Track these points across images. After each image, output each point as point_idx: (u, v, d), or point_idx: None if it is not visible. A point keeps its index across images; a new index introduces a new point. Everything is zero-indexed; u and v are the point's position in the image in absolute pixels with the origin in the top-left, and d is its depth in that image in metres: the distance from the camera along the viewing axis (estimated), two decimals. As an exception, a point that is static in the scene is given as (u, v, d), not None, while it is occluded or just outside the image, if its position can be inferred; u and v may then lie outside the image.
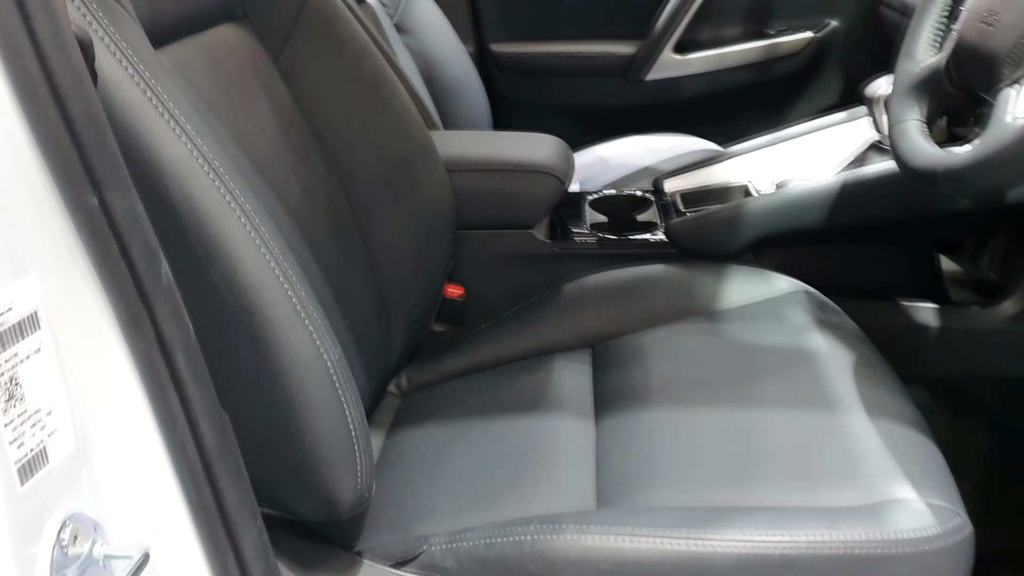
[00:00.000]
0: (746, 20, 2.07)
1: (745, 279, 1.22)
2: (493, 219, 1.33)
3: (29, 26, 0.49)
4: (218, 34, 0.99)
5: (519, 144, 1.39)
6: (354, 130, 1.14)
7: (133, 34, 0.67)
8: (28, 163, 0.50)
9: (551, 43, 2.15)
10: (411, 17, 1.91)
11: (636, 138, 1.95)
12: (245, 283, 0.67)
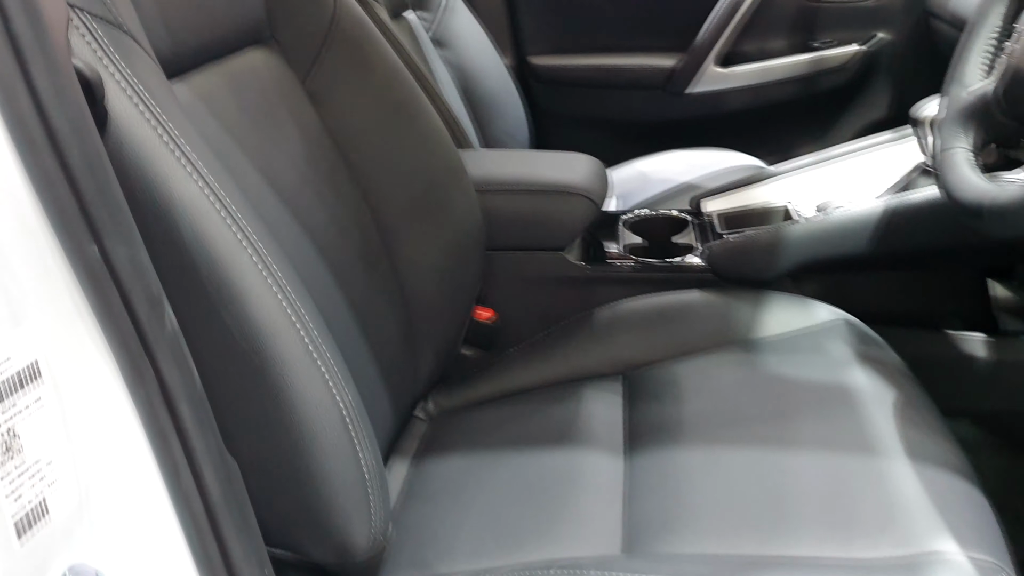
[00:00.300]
0: (792, 32, 2.02)
1: (784, 307, 1.18)
2: (524, 240, 1.30)
3: (26, 73, 0.47)
4: (244, 59, 0.98)
5: (552, 164, 1.36)
6: (382, 152, 1.12)
7: (145, 69, 0.65)
8: (27, 211, 0.49)
9: (591, 56, 2.12)
10: (449, 31, 1.89)
11: (677, 153, 1.92)
12: (256, 325, 0.65)
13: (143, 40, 0.68)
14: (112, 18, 0.64)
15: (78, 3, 0.62)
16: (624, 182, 1.88)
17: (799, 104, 2.05)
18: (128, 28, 0.65)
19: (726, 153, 1.89)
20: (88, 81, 0.58)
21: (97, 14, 0.63)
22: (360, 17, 1.13)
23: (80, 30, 0.61)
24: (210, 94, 0.88)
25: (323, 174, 1.03)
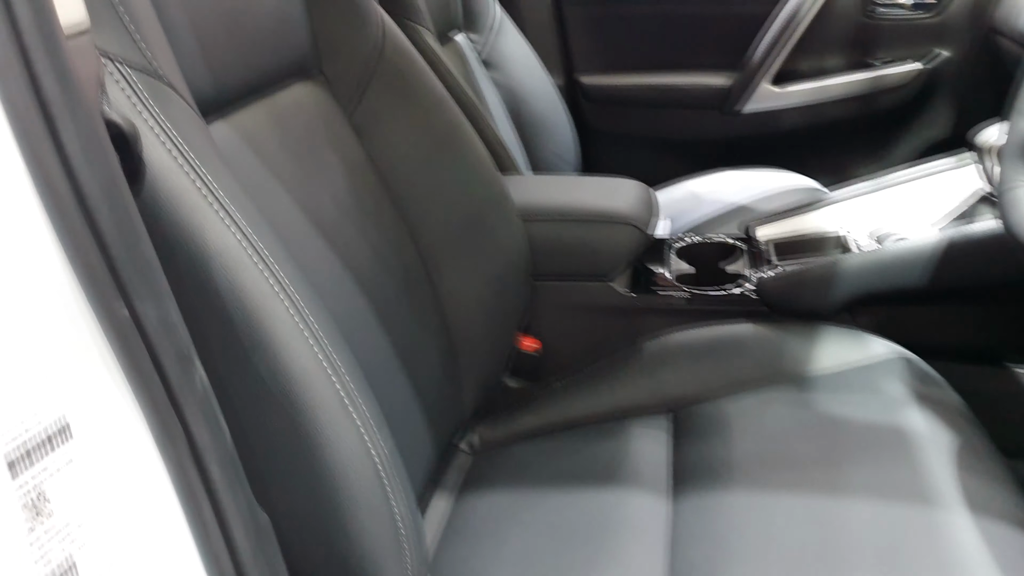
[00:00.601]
0: (849, 50, 1.98)
1: (839, 342, 1.14)
2: (570, 269, 1.28)
3: (56, 137, 0.47)
4: (289, 94, 0.97)
5: (598, 190, 1.34)
6: (427, 183, 1.11)
7: (182, 117, 0.65)
8: (57, 272, 0.49)
9: (642, 74, 2.09)
10: (498, 52, 1.88)
11: (730, 173, 1.88)
12: (289, 375, 0.64)
13: (181, 87, 0.68)
14: (149, 68, 0.64)
15: (115, 54, 0.61)
16: (674, 202, 1.85)
17: (856, 123, 2.00)
18: (166, 76, 0.65)
19: (780, 173, 1.85)
20: (124, 134, 0.58)
21: (134, 64, 0.62)
22: (406, 48, 1.13)
23: (118, 81, 0.61)
24: (253, 131, 0.88)
25: (366, 207, 1.03)
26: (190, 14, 0.79)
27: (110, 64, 0.61)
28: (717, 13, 2.02)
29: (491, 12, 1.90)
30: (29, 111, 0.46)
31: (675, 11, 2.04)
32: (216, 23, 0.83)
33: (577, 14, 2.10)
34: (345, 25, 1.07)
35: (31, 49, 0.46)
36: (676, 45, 2.07)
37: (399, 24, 1.41)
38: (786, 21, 1.94)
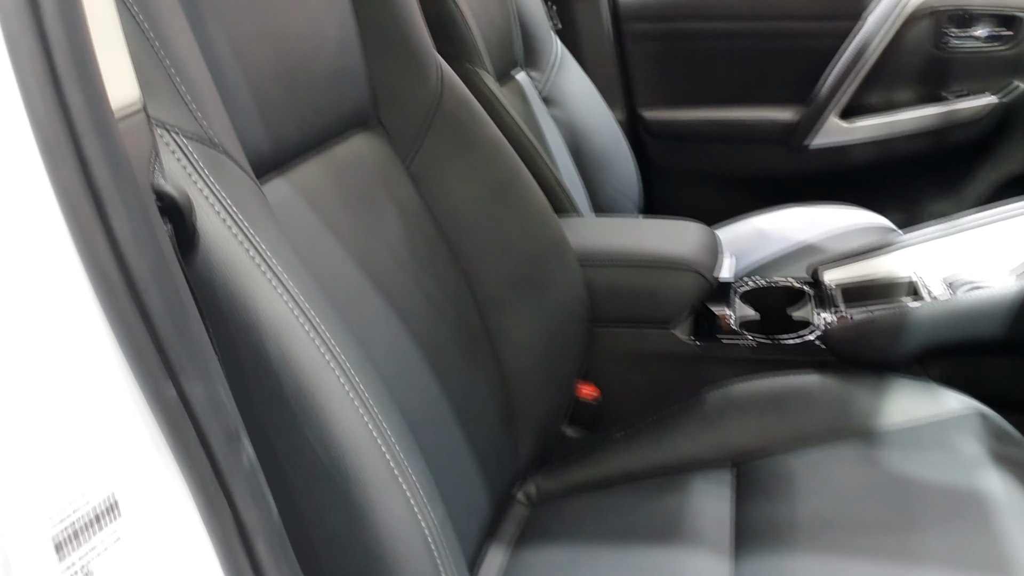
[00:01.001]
0: (920, 83, 1.92)
1: (910, 395, 1.10)
2: (631, 315, 1.26)
3: (105, 221, 0.47)
4: (347, 145, 0.97)
5: (660, 234, 1.32)
6: (484, 230, 1.10)
7: (237, 184, 0.65)
8: (106, 353, 0.49)
9: (705, 108, 2.07)
10: (559, 89, 1.87)
11: (798, 209, 1.84)
12: (340, 445, 0.63)
13: (236, 153, 0.68)
14: (204, 136, 0.64)
15: (171, 124, 0.62)
16: (740, 239, 1.82)
17: (928, 158, 1.94)
18: (220, 144, 0.65)
19: (849, 210, 1.81)
20: (178, 205, 0.58)
21: (190, 133, 0.63)
22: (464, 96, 1.13)
23: (173, 151, 0.61)
24: (310, 185, 0.88)
25: (422, 256, 1.02)
26: (248, 75, 0.79)
27: (166, 134, 0.61)
28: (782, 47, 1.99)
29: (552, 49, 1.90)
30: (79, 194, 0.46)
31: (738, 45, 2.02)
32: (275, 82, 0.83)
33: (638, 49, 2.09)
34: (404, 75, 1.07)
35: (82, 133, 0.46)
36: (740, 79, 2.04)
37: (458, 68, 1.41)
38: (855, 54, 1.91)
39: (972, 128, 1.89)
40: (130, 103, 0.53)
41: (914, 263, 1.33)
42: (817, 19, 1.95)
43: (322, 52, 0.93)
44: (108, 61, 0.51)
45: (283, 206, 0.82)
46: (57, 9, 0.45)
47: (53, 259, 0.47)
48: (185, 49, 0.66)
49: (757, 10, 1.99)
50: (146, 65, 0.61)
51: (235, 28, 0.79)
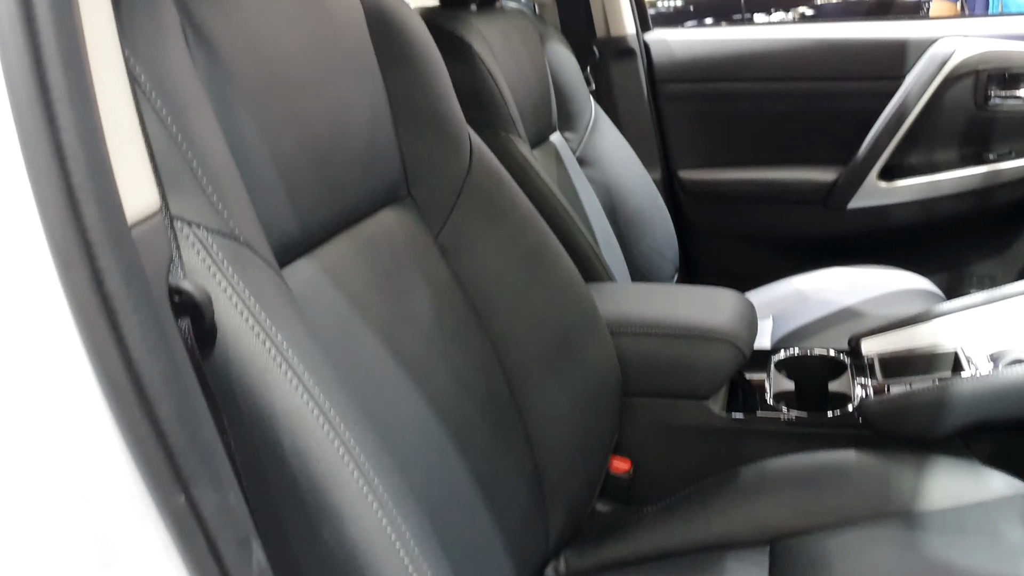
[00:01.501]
0: (962, 143, 1.89)
1: (952, 474, 1.06)
2: (663, 387, 1.24)
3: (118, 333, 0.47)
4: (376, 221, 0.97)
5: (694, 302, 1.30)
6: (514, 302, 1.09)
7: (258, 276, 0.65)
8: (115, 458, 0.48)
9: (743, 169, 2.05)
10: (594, 149, 1.87)
11: (838, 270, 1.81)
12: (354, 543, 0.62)
13: (259, 244, 0.68)
14: (226, 229, 0.64)
15: (192, 219, 0.62)
16: (779, 301, 1.79)
17: (972, 220, 1.90)
18: (243, 236, 0.65)
19: (891, 272, 1.77)
20: (196, 302, 0.58)
21: (211, 227, 0.63)
22: (493, 166, 1.13)
23: (194, 245, 0.61)
24: (336, 264, 0.88)
25: (450, 330, 1.01)
26: (277, 160, 0.79)
27: (187, 228, 0.61)
28: (820, 107, 1.98)
29: (588, 110, 1.90)
30: (92, 305, 0.46)
31: (776, 105, 2.01)
32: (304, 165, 0.84)
33: (674, 109, 2.09)
34: (435, 148, 1.07)
35: (95, 244, 0.46)
36: (777, 139, 2.03)
37: (491, 135, 1.42)
38: (895, 114, 1.88)
39: (1016, 189, 1.86)
40: (148, 208, 0.54)
41: (957, 334, 1.29)
42: (856, 79, 1.93)
43: (353, 131, 0.94)
44: (126, 167, 0.52)
45: (308, 288, 0.82)
46: (74, 122, 0.45)
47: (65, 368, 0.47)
48: (209, 141, 0.67)
49: (794, 70, 1.98)
50: (169, 161, 0.62)
51: (263, 113, 0.79)
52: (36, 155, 0.45)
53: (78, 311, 0.46)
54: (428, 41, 1.08)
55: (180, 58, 0.68)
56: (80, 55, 0.47)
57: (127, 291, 0.47)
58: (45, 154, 0.45)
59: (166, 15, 0.69)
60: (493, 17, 1.60)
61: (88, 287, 0.46)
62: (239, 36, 0.78)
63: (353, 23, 0.99)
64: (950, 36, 1.86)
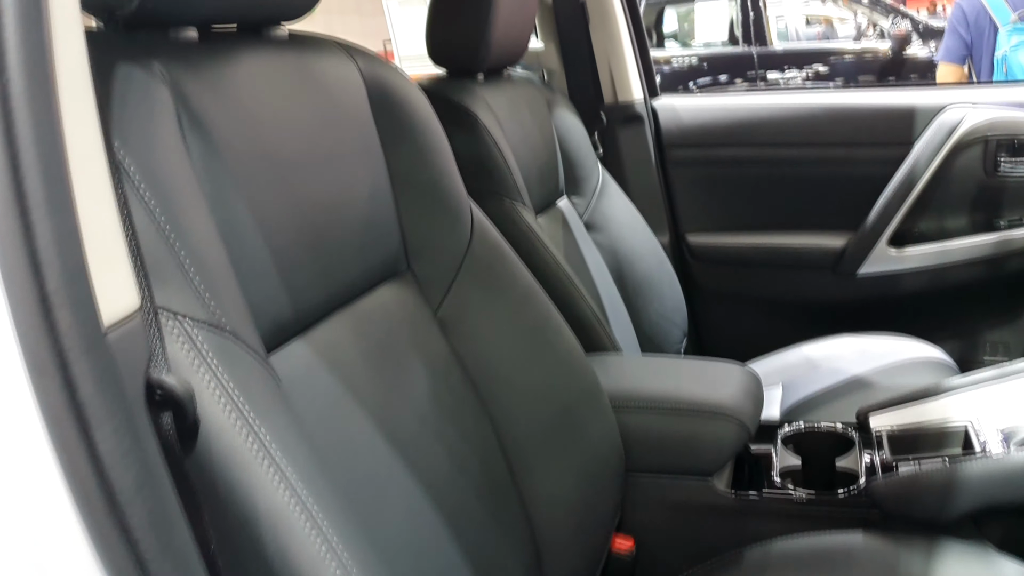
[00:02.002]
0: (972, 210, 1.88)
1: (963, 560, 1.03)
2: (667, 464, 1.22)
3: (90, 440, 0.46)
4: (375, 298, 0.97)
5: (699, 377, 1.28)
6: (514, 378, 1.08)
7: (243, 368, 0.64)
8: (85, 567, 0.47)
9: (752, 234, 2.04)
10: (601, 214, 1.87)
11: (848, 338, 1.80)
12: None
13: (247, 334, 0.67)
14: (212, 319, 0.63)
15: (177, 310, 0.61)
16: (788, 368, 1.77)
17: (983, 288, 1.88)
18: (230, 327, 0.65)
19: (902, 340, 1.75)
20: (178, 397, 0.57)
21: (197, 318, 0.62)
22: (494, 240, 1.12)
23: (179, 337, 0.61)
24: (331, 345, 0.87)
25: (447, 408, 1.00)
26: (272, 244, 0.79)
27: (172, 320, 0.61)
28: (828, 173, 1.97)
29: (595, 175, 1.90)
30: (63, 413, 0.45)
31: (784, 171, 2.00)
32: (300, 247, 0.83)
33: (682, 174, 2.09)
34: (436, 222, 1.07)
35: (69, 351, 0.45)
36: (786, 204, 2.02)
37: (496, 203, 1.42)
38: (904, 180, 1.88)
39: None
40: (127, 309, 0.53)
41: (967, 409, 1.27)
42: (865, 145, 1.93)
43: (352, 209, 0.94)
44: (105, 268, 0.51)
45: (300, 370, 0.81)
46: (51, 229, 0.45)
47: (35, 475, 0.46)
48: (199, 229, 0.66)
49: (802, 136, 1.98)
50: (156, 252, 0.61)
51: (259, 195, 0.79)
52: (11, 262, 0.44)
53: (50, 419, 0.45)
54: (430, 115, 1.08)
55: (172, 145, 0.68)
56: (61, 160, 0.47)
57: (100, 398, 0.46)
58: (20, 261, 0.44)
59: (160, 101, 0.69)
60: (500, 86, 1.61)
61: (60, 395, 0.45)
62: (236, 119, 0.78)
63: (355, 99, 0.99)
64: (959, 104, 1.86)
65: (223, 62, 0.80)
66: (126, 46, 0.73)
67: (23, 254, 0.44)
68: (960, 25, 3.03)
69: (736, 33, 6.50)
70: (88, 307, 0.47)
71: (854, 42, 6.82)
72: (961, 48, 3.05)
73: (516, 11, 1.53)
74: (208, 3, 0.78)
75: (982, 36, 3.00)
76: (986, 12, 2.97)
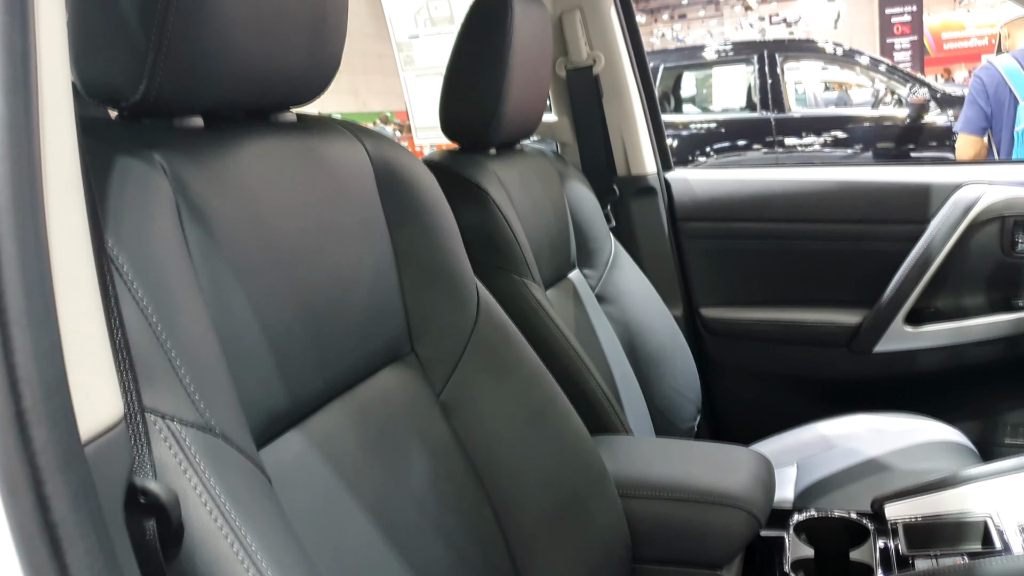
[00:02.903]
0: (989, 289, 1.86)
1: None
2: (675, 555, 1.18)
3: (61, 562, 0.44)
4: (375, 382, 0.95)
5: (709, 463, 1.25)
6: (518, 463, 1.06)
7: (231, 471, 0.62)
8: None
9: (767, 309, 2.02)
10: (613, 286, 1.86)
11: (863, 417, 1.76)
12: None
13: (237, 434, 0.65)
14: (202, 422, 0.62)
15: (167, 412, 0.60)
16: (803, 447, 1.74)
17: (1001, 367, 1.85)
18: (220, 428, 0.63)
19: (919, 420, 1.72)
20: (162, 503, 0.55)
21: (186, 420, 0.61)
22: (500, 320, 1.11)
23: (166, 439, 0.59)
24: (328, 435, 0.85)
25: (447, 497, 0.98)
26: (270, 333, 0.78)
27: (159, 422, 0.59)
28: (843, 248, 1.95)
29: (607, 248, 1.90)
30: (35, 535, 0.44)
31: (798, 246, 1.99)
32: (299, 334, 0.82)
33: (695, 247, 2.07)
34: (442, 303, 1.05)
35: (43, 470, 0.44)
36: (800, 280, 2.00)
37: (505, 279, 1.41)
38: (919, 258, 1.86)
39: (1047, 337, 1.81)
40: (108, 420, 0.52)
41: (988, 502, 1.23)
42: (880, 222, 1.92)
43: (356, 294, 0.92)
44: (88, 378, 0.50)
45: (295, 463, 0.79)
46: (30, 343, 0.44)
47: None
48: (192, 327, 0.65)
49: (817, 212, 1.97)
50: (146, 352, 0.60)
51: (259, 284, 0.78)
52: None
53: (20, 539, 0.44)
54: (437, 195, 1.08)
55: (169, 238, 0.67)
56: (45, 270, 0.46)
57: (75, 516, 0.45)
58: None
59: (158, 193, 0.68)
60: (512, 159, 1.61)
61: (33, 515, 0.44)
62: (238, 207, 0.78)
63: (362, 181, 0.98)
64: (975, 182, 1.85)
65: (227, 149, 0.80)
66: (128, 135, 0.73)
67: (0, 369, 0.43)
68: (980, 96, 3.01)
69: (754, 99, 6.55)
70: (67, 421, 0.45)
71: (872, 109, 6.84)
72: (981, 120, 3.03)
73: (529, 87, 1.53)
74: (214, 92, 0.78)
75: (1002, 108, 2.97)
76: (1006, 84, 2.95)
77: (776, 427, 1.79)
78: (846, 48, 6.65)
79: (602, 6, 1.97)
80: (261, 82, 0.82)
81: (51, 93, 0.47)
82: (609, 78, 2.01)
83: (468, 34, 1.47)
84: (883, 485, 1.35)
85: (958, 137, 3.14)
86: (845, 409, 1.78)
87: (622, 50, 2.01)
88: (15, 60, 0.44)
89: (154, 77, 0.71)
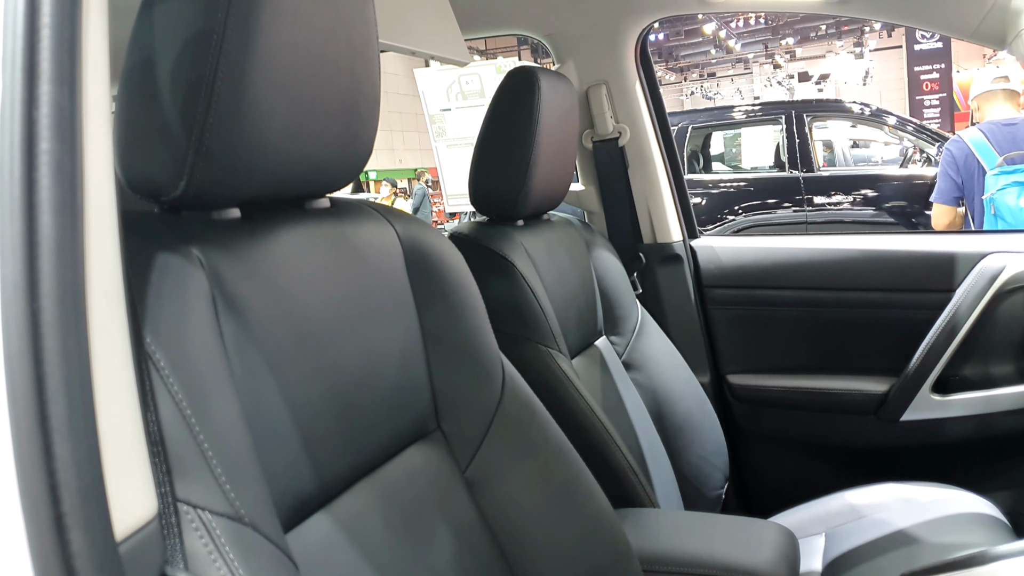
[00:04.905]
0: (1018, 357, 1.84)
1: None
2: (702, 631, 1.18)
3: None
4: (401, 462, 0.97)
5: (735, 538, 1.25)
6: (542, 540, 1.07)
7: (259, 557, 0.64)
8: None
9: (794, 376, 2.02)
10: (640, 353, 1.87)
11: (893, 486, 1.74)
12: None
13: (266, 522, 0.68)
14: (232, 512, 0.64)
15: (198, 502, 0.62)
16: (832, 516, 1.72)
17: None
18: (249, 517, 0.65)
19: (948, 490, 1.70)
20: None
21: (216, 510, 0.63)
22: (526, 396, 1.12)
23: (197, 529, 0.62)
24: (354, 516, 0.87)
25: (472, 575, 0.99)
26: (299, 417, 0.80)
27: (192, 512, 0.62)
28: (870, 316, 1.96)
29: (633, 315, 1.91)
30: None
31: (825, 313, 1.99)
32: (327, 417, 0.84)
33: (722, 314, 2.09)
34: (468, 381, 1.07)
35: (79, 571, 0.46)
36: (827, 347, 2.00)
37: (531, 349, 1.43)
38: (945, 326, 1.85)
39: (1078, 407, 1.79)
40: (142, 518, 0.54)
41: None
42: (905, 291, 1.92)
43: (383, 375, 0.95)
44: (124, 479, 0.52)
45: (322, 545, 0.81)
46: (70, 451, 0.46)
47: None
48: (225, 415, 0.68)
49: (842, 280, 1.98)
50: (180, 445, 0.63)
51: (290, 371, 0.80)
52: (29, 483, 0.45)
53: None
54: (465, 273, 1.11)
55: (205, 333, 0.70)
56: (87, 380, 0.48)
57: None
58: (38, 482, 0.45)
59: (195, 287, 0.71)
60: (539, 229, 1.64)
61: None
62: (271, 297, 0.81)
63: (391, 263, 1.01)
64: (999, 251, 1.85)
65: (262, 239, 0.83)
66: (167, 230, 0.76)
67: (41, 475, 0.45)
68: (950, 168, 3.21)
69: (782, 158, 6.57)
70: (102, 524, 0.48)
71: (900, 168, 6.84)
72: (954, 190, 3.22)
73: (556, 161, 1.57)
74: (251, 186, 0.81)
75: (972, 178, 3.17)
76: (974, 156, 3.13)
77: (805, 495, 1.78)
78: (873, 108, 6.67)
79: (627, 81, 2.01)
80: (296, 174, 0.85)
81: (97, 210, 0.50)
82: (634, 149, 2.05)
83: (497, 110, 1.52)
84: (912, 559, 1.34)
85: (933, 207, 3.27)
86: (873, 478, 1.77)
87: (647, 122, 2.05)
88: (63, 183, 0.47)
89: (194, 175, 0.75)
